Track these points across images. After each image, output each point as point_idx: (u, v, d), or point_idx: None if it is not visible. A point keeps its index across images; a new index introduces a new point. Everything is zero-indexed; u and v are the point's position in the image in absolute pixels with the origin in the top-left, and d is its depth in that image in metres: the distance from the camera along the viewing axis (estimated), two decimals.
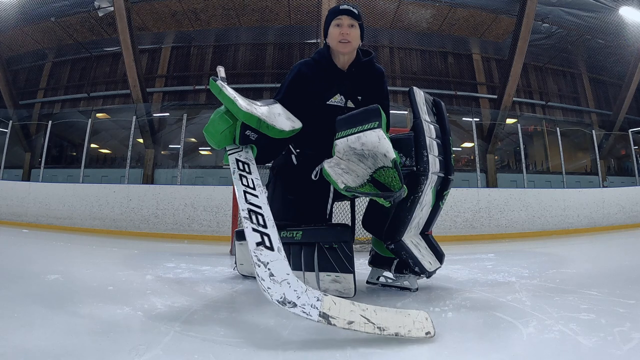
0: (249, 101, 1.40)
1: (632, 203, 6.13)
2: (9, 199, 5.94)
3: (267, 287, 0.96)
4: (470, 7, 8.47)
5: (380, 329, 0.91)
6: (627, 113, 8.78)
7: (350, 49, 1.55)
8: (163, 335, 0.92)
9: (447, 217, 5.16)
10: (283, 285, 0.97)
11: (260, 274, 0.98)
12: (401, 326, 0.93)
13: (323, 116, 1.56)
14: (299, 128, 1.46)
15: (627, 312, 1.11)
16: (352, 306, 0.98)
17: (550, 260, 2.67)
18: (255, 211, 1.14)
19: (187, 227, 5.14)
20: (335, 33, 1.55)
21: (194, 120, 8.42)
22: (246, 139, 1.34)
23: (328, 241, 1.37)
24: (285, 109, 1.50)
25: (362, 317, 0.94)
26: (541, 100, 9.55)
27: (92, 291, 1.44)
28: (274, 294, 0.94)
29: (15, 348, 0.81)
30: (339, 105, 1.58)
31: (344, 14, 1.55)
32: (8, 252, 2.91)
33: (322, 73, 1.60)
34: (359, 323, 0.91)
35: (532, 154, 9.47)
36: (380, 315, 0.97)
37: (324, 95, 1.58)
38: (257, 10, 8.62)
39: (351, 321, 0.92)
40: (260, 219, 1.12)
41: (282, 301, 0.93)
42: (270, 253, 1.04)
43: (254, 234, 1.07)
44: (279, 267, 1.01)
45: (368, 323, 0.92)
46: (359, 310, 0.96)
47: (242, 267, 1.91)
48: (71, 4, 8.21)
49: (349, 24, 1.54)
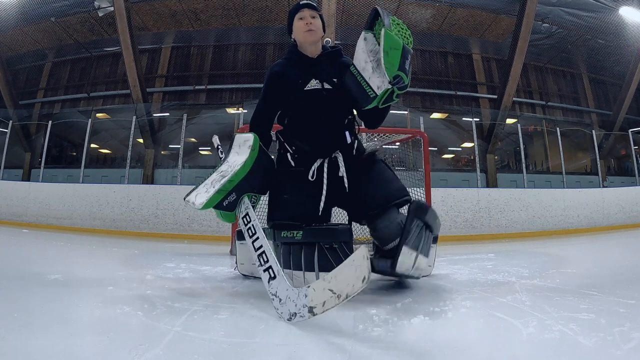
0: (215, 174, 1.51)
1: (632, 203, 6.13)
2: (9, 199, 5.94)
3: (281, 312, 1.10)
4: (470, 7, 8.46)
5: (338, 297, 0.98)
6: (627, 113, 8.77)
7: (316, 37, 1.65)
8: (163, 335, 0.92)
9: (447, 217, 5.16)
10: (287, 302, 1.10)
11: (275, 304, 1.13)
12: (348, 283, 0.97)
13: (305, 102, 1.62)
14: (254, 140, 1.51)
15: (627, 312, 1.12)
16: (323, 283, 1.04)
17: (550, 260, 2.67)
18: (260, 253, 1.26)
19: (187, 227, 5.14)
20: (300, 25, 1.66)
21: (194, 120, 8.42)
22: (231, 205, 1.43)
23: (328, 241, 1.38)
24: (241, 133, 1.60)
25: (329, 291, 1.00)
26: (541, 100, 9.54)
27: (92, 291, 1.44)
28: (284, 314, 1.08)
29: (15, 348, 0.81)
30: (317, 87, 1.62)
31: (305, 7, 1.67)
32: (8, 252, 2.91)
33: (294, 66, 1.67)
34: (328, 300, 1.00)
35: (532, 154, 9.47)
36: (339, 278, 1.01)
37: (300, 83, 1.63)
38: (257, 10, 8.62)
39: (324, 301, 1.00)
40: (264, 257, 1.25)
41: (290, 317, 1.07)
42: (274, 282, 1.17)
43: (264, 274, 1.21)
44: (281, 289, 1.14)
45: (332, 295, 0.99)
46: (327, 284, 1.02)
47: (243, 267, 1.92)
48: (71, 4, 8.20)
49: (310, 15, 1.65)
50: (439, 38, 9.31)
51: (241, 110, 8.54)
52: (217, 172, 1.52)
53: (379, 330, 0.99)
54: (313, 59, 1.67)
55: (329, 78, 1.64)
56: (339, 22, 7.18)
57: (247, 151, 1.48)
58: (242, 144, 1.54)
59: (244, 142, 1.54)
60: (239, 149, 1.54)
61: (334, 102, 1.62)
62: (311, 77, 1.64)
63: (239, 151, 1.53)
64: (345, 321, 1.10)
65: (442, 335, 0.98)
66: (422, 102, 9.12)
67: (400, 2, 8.20)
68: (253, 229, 1.34)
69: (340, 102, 1.64)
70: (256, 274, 1.83)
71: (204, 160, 8.95)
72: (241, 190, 1.44)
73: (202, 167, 8.15)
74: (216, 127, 8.98)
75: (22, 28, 8.66)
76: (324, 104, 1.61)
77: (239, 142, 1.56)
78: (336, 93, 1.62)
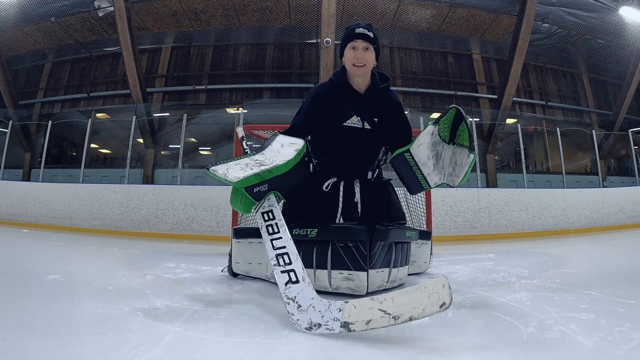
0: (248, 159, 1.42)
1: (632, 203, 6.13)
2: (9, 199, 5.94)
3: (297, 319, 1.04)
4: (470, 7, 8.46)
5: (395, 318, 0.93)
6: (627, 113, 8.77)
7: (364, 71, 1.59)
8: (163, 335, 0.92)
9: (447, 217, 5.15)
10: (309, 311, 1.05)
11: (290, 309, 1.07)
12: (415, 307, 0.93)
13: (340, 137, 1.61)
14: (302, 146, 1.47)
15: (627, 312, 1.12)
16: (370, 302, 1.01)
17: (550, 260, 2.67)
18: (281, 253, 1.20)
19: (187, 227, 5.13)
20: (350, 56, 1.59)
21: (194, 120, 8.42)
22: (259, 194, 1.36)
23: (343, 240, 1.38)
24: (286, 135, 1.54)
25: (380, 311, 0.96)
26: (541, 100, 9.54)
27: (92, 291, 1.44)
28: (302, 323, 1.02)
29: (15, 348, 0.81)
30: (356, 126, 1.61)
31: (359, 38, 1.58)
32: (8, 252, 2.91)
33: (339, 94, 1.63)
34: (375, 319, 0.95)
35: (532, 154, 9.46)
36: (397, 301, 0.98)
37: (341, 117, 1.61)
38: (257, 10, 8.61)
39: (369, 320, 0.95)
40: (285, 258, 1.19)
41: (309, 327, 1.00)
42: (296, 286, 1.12)
43: (282, 275, 1.15)
44: (304, 295, 1.09)
45: (384, 316, 0.95)
46: (377, 305, 0.99)
47: (238, 266, 1.89)
48: (71, 4, 8.19)
49: (363, 47, 1.58)
50: (439, 38, 9.31)
51: (241, 110, 8.54)
52: (251, 158, 1.44)
53: (379, 330, 0.99)
54: (359, 94, 1.64)
55: (370, 117, 1.63)
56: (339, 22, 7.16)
57: (293, 152, 1.44)
58: (286, 144, 1.50)
59: (290, 143, 1.50)
60: (282, 147, 1.49)
61: (370, 142, 1.64)
62: (353, 113, 1.61)
63: (281, 149, 1.48)
64: None
65: (442, 335, 0.98)
66: (422, 102, 9.12)
67: (400, 2, 8.20)
68: (276, 227, 1.29)
69: (377, 143, 1.66)
70: (252, 273, 1.82)
71: (204, 160, 8.95)
72: (274, 186, 1.39)
73: (202, 167, 8.13)
74: (216, 127, 8.98)
75: (22, 28, 8.65)
76: (360, 143, 1.62)
77: (282, 142, 1.51)
78: (375, 134, 1.63)
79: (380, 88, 1.65)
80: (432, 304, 0.92)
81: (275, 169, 1.37)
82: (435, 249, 3.48)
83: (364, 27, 1.59)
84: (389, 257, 1.50)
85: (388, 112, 1.66)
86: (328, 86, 1.67)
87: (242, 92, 8.98)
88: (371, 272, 1.38)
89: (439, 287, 0.95)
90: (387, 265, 1.49)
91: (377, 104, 1.64)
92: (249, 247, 1.83)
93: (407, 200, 3.59)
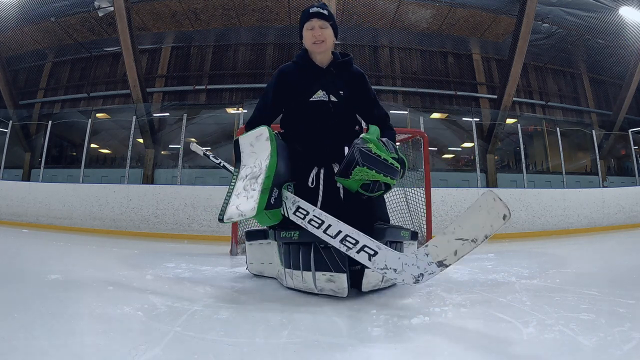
0: (240, 182, 1.44)
1: (632, 203, 6.12)
2: (9, 199, 5.93)
3: (402, 280, 1.10)
4: (470, 7, 8.46)
5: (474, 241, 1.00)
6: (627, 113, 8.77)
7: (324, 47, 1.63)
8: (163, 335, 0.92)
9: (447, 217, 5.15)
10: (405, 269, 1.10)
11: (390, 276, 1.13)
12: (483, 226, 0.99)
13: (308, 113, 1.63)
14: (268, 131, 1.50)
15: (627, 312, 1.11)
16: (445, 237, 1.06)
17: (550, 260, 2.67)
18: (342, 239, 1.22)
19: (187, 227, 5.13)
20: (308, 36, 1.63)
21: (194, 120, 8.42)
22: (277, 200, 1.38)
23: (323, 241, 1.37)
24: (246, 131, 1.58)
25: (458, 240, 1.03)
26: (541, 100, 9.54)
27: (92, 291, 1.44)
28: (409, 280, 1.08)
29: (15, 348, 0.81)
30: (322, 99, 1.63)
31: (314, 17, 1.62)
32: (8, 252, 2.91)
33: (302, 72, 1.66)
34: (460, 249, 1.02)
35: (532, 154, 9.47)
36: (466, 227, 1.03)
37: (306, 93, 1.63)
38: (257, 10, 8.61)
39: (454, 250, 1.03)
40: (350, 240, 1.20)
41: (416, 281, 1.08)
42: (378, 256, 1.14)
43: (360, 255, 1.17)
44: (391, 260, 1.12)
45: (464, 242, 1.02)
46: (452, 236, 1.05)
47: (252, 267, 1.93)
48: (71, 4, 8.20)
49: (319, 26, 1.62)
50: (439, 38, 9.31)
51: (241, 110, 8.54)
52: (240, 178, 1.44)
53: (379, 330, 0.99)
54: (322, 69, 1.66)
55: (336, 90, 1.64)
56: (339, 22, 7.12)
57: (267, 143, 1.45)
58: (254, 141, 1.51)
59: (257, 137, 1.51)
60: (254, 147, 1.50)
61: (338, 114, 1.64)
62: (318, 87, 1.64)
63: (255, 149, 1.49)
64: (346, 321, 1.10)
65: (442, 335, 0.98)
66: (422, 102, 9.12)
67: (400, 2, 8.20)
68: (317, 219, 1.29)
69: (345, 115, 1.65)
70: (265, 273, 1.85)
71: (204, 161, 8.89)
72: (279, 183, 1.40)
73: (202, 167, 8.15)
74: (216, 127, 8.98)
75: (22, 28, 8.66)
76: (328, 116, 1.63)
77: (250, 141, 1.52)
78: (342, 106, 1.63)
79: (342, 61, 1.68)
80: (495, 218, 0.97)
81: (269, 170, 1.38)
82: None
83: (318, 7, 1.64)
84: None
85: (352, 84, 1.68)
86: (291, 66, 1.70)
87: (242, 92, 8.98)
88: (367, 271, 1.38)
89: (491, 202, 1.00)
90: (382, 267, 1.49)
91: (341, 77, 1.67)
92: (260, 248, 1.85)
93: (408, 200, 3.60)
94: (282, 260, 1.57)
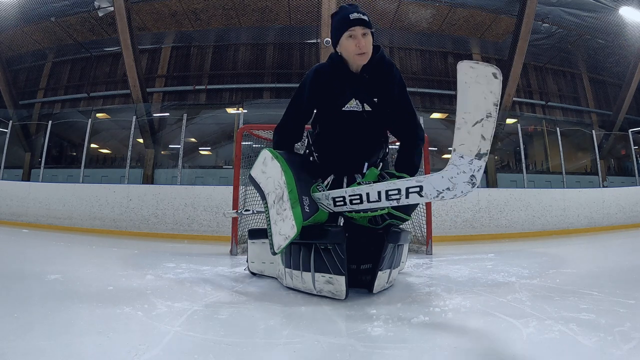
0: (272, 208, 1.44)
1: (632, 203, 6.12)
2: (9, 199, 5.93)
3: (461, 192, 1.09)
4: (470, 7, 8.46)
5: (490, 116, 1.01)
6: (627, 113, 8.77)
7: (367, 58, 1.52)
8: (163, 335, 0.92)
9: (447, 217, 5.15)
10: (455, 182, 1.09)
11: (448, 197, 1.13)
12: (485, 97, 0.98)
13: (339, 122, 1.57)
14: (271, 151, 1.51)
15: (627, 312, 1.11)
16: (462, 131, 1.06)
17: (550, 260, 2.67)
18: (387, 195, 1.23)
19: (187, 227, 5.13)
20: (350, 46, 1.49)
21: (194, 120, 8.42)
22: (312, 206, 1.38)
23: (323, 242, 1.36)
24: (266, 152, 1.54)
25: (477, 125, 1.02)
26: (541, 100, 9.54)
27: (92, 291, 1.44)
28: (466, 188, 1.08)
29: (15, 348, 0.81)
30: (356, 110, 1.56)
31: (357, 24, 1.47)
32: (8, 252, 2.91)
33: (335, 76, 1.57)
34: (484, 131, 1.02)
35: (532, 154, 9.47)
36: (472, 109, 1.02)
37: (339, 101, 1.56)
38: (257, 10, 8.61)
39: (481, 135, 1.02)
40: (393, 193, 1.22)
41: (473, 184, 1.07)
42: (427, 188, 1.15)
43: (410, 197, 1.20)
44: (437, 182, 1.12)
45: (482, 121, 1.01)
46: (467, 126, 1.04)
47: (253, 265, 1.94)
48: (71, 4, 8.20)
49: (362, 34, 1.48)
50: (439, 38, 9.31)
51: (241, 110, 8.54)
52: (272, 205, 1.43)
53: (379, 330, 0.99)
54: (356, 76, 1.56)
55: (369, 98, 1.56)
56: None
57: (275, 162, 1.44)
58: (264, 167, 1.50)
59: (264, 162, 1.51)
60: (266, 172, 1.49)
61: (371, 125, 1.58)
62: (351, 96, 1.55)
63: (268, 174, 1.48)
64: (345, 321, 1.10)
65: (442, 335, 0.98)
66: (422, 102, 9.12)
67: (400, 2, 8.20)
68: (355, 195, 1.30)
69: (378, 125, 1.61)
70: (266, 272, 1.86)
71: (204, 160, 8.95)
72: (305, 190, 1.39)
73: (202, 167, 8.16)
74: (216, 127, 8.98)
75: (22, 28, 8.66)
76: (361, 127, 1.58)
77: (261, 169, 1.52)
78: (376, 115, 1.57)
79: (375, 62, 1.55)
80: (488, 83, 0.96)
81: (288, 185, 1.37)
82: (435, 249, 3.48)
83: (358, 12, 1.49)
84: (392, 258, 1.51)
85: (388, 90, 1.58)
86: (327, 67, 1.60)
87: (242, 92, 8.98)
88: (378, 273, 1.40)
89: (472, 72, 0.98)
90: (390, 266, 1.50)
91: (375, 81, 1.56)
92: (262, 247, 1.86)
93: None
94: (282, 260, 1.58)
